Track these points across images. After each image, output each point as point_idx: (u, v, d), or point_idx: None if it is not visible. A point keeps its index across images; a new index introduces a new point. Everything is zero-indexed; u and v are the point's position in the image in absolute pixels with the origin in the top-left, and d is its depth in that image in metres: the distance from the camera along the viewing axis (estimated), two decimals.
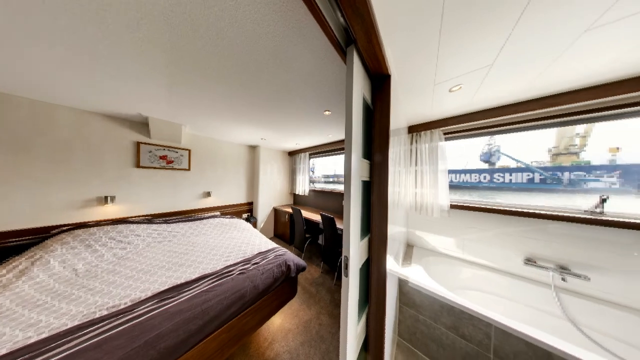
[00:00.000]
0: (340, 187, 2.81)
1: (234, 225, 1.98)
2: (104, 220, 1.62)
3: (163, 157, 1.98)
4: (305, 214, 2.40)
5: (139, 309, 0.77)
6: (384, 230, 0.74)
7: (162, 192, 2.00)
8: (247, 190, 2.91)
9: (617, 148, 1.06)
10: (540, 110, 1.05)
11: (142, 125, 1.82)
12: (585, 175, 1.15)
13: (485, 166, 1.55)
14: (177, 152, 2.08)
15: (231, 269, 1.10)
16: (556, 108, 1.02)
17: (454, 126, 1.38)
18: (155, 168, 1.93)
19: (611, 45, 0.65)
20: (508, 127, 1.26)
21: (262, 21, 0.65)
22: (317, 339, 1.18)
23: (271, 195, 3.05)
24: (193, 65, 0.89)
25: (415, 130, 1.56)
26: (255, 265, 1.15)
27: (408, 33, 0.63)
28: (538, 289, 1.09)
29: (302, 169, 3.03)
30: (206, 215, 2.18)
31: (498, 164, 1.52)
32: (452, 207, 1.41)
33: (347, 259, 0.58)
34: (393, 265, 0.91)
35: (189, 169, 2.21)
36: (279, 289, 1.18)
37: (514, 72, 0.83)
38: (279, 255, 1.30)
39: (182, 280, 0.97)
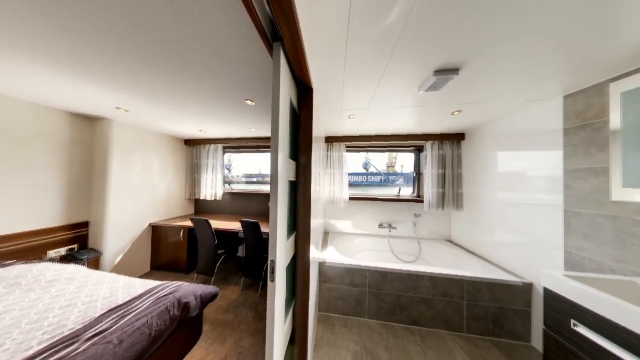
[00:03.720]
0: (266, 188, 2.56)
1: (9, 283, 0.92)
2: None
3: None
4: (217, 224, 1.90)
5: None
6: (308, 225, 0.84)
7: None
8: (72, 200, 1.60)
9: (402, 165, 2.30)
10: (384, 142, 2.08)
11: None
12: (395, 178, 2.33)
13: (364, 171, 2.47)
14: None
15: None
16: (389, 142, 2.08)
17: (351, 142, 2.13)
18: None
19: (402, 117, 1.41)
20: (374, 148, 2.29)
21: None
22: None
23: (144, 206, 2.01)
24: None
25: (329, 141, 2.12)
26: (99, 337, 0.65)
27: (325, 61, 0.78)
28: (382, 240, 2.10)
29: (213, 166, 2.34)
30: None
31: (370, 170, 2.49)
32: (350, 199, 2.14)
33: (273, 262, 0.56)
34: (315, 253, 1.06)
35: None
36: (165, 346, 0.78)
37: (375, 117, 1.44)
38: (165, 295, 0.88)
39: None
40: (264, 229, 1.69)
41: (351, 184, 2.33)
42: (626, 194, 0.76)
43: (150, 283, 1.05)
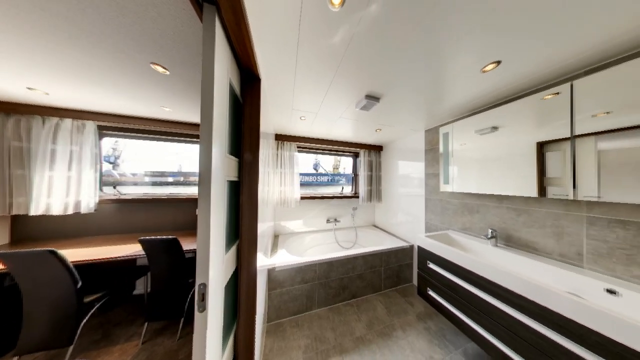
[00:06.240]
0: (193, 190, 1.97)
1: None
2: None
3: None
4: (84, 253, 1.19)
5: None
6: (255, 232, 0.76)
7: None
8: None
9: (345, 167, 2.72)
10: (331, 146, 2.50)
11: None
12: (340, 178, 2.71)
13: (314, 171, 2.64)
14: None
15: None
16: (335, 147, 2.53)
17: (303, 143, 2.37)
18: None
19: (345, 126, 1.73)
20: (323, 151, 2.67)
21: None
22: None
23: None
24: None
25: (280, 139, 2.16)
26: None
27: (275, 54, 0.75)
28: (329, 233, 2.53)
29: (72, 155, 1.41)
30: None
31: (319, 171, 2.70)
32: (302, 198, 2.33)
33: (204, 287, 0.45)
34: (263, 260, 0.97)
35: None
36: None
37: (324, 123, 1.63)
38: None
39: None
40: (188, 245, 1.27)
41: (302, 184, 2.43)
42: (444, 187, 1.49)
43: None
